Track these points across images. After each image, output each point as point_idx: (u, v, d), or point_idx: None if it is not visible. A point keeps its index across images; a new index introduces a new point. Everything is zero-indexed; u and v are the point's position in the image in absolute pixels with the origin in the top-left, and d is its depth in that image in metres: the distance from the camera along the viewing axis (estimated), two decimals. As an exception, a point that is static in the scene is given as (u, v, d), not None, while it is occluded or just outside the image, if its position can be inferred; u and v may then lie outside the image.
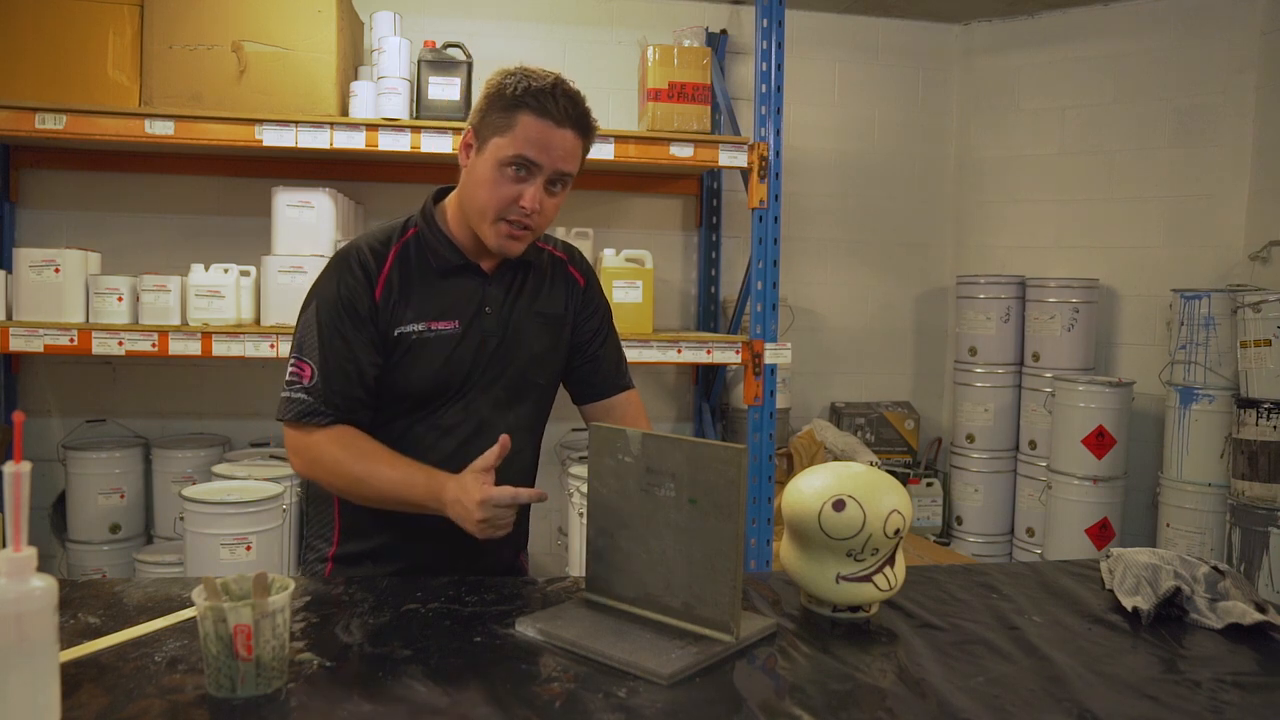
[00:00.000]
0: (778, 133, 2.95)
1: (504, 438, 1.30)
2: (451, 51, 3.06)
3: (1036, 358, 3.68)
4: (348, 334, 1.41)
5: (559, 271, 1.61)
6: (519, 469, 1.56)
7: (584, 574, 1.29)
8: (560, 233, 3.12)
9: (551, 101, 1.39)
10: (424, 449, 1.46)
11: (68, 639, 1.08)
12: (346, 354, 1.41)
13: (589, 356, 1.62)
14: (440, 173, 1.55)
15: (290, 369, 1.42)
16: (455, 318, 1.47)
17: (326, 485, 1.44)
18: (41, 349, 2.66)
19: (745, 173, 3.01)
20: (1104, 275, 3.74)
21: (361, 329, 1.42)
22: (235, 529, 2.54)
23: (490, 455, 1.29)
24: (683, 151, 2.95)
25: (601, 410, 1.62)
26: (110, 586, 1.29)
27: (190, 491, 2.60)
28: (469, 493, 1.27)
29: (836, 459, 3.44)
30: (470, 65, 3.03)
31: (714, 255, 3.71)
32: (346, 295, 1.42)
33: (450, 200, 1.54)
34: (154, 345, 2.69)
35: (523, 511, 1.62)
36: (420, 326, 1.45)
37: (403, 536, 1.49)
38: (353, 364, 1.41)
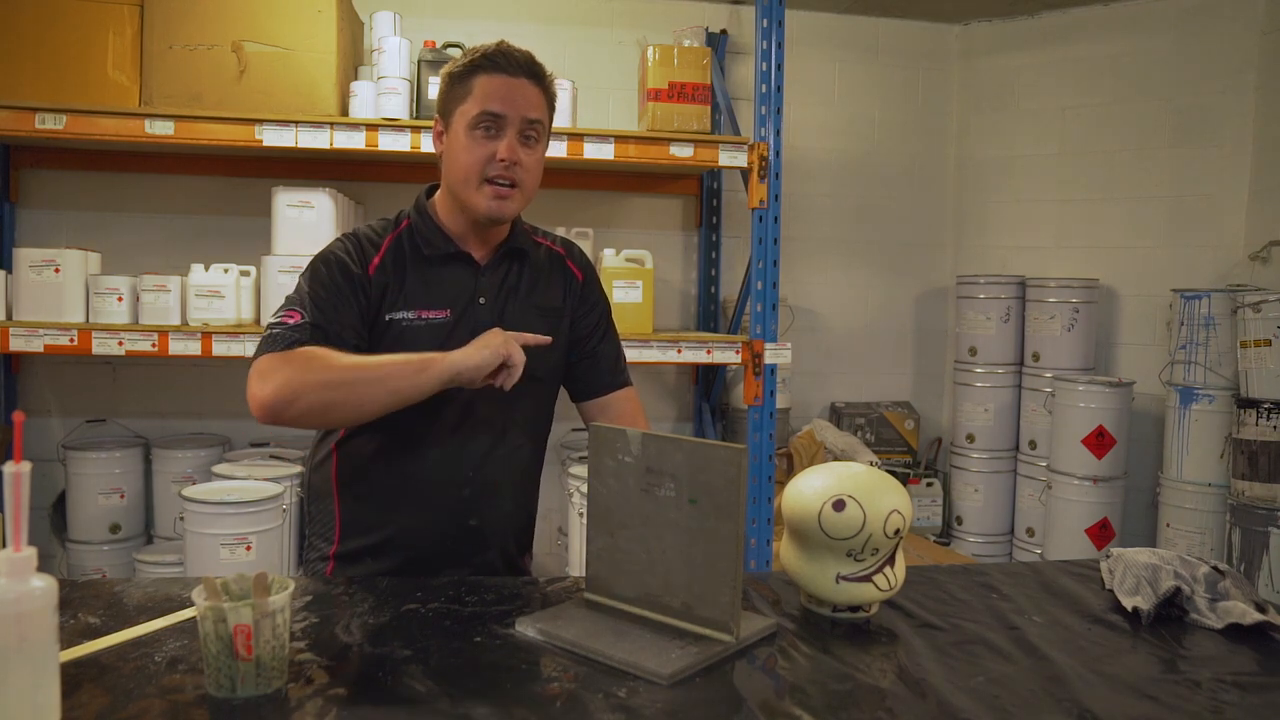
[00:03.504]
0: (778, 133, 2.95)
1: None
2: (451, 51, 3.06)
3: (1036, 358, 3.68)
4: (339, 292, 1.42)
5: (556, 266, 1.62)
6: (519, 466, 1.56)
7: (584, 574, 1.29)
8: (560, 233, 3.12)
9: (502, 58, 1.44)
10: (422, 443, 1.46)
11: (68, 639, 1.08)
12: (333, 308, 1.40)
13: (587, 353, 1.62)
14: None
15: (275, 318, 1.40)
16: (447, 306, 1.47)
17: (314, 394, 1.29)
18: (41, 349, 2.66)
19: (745, 173, 3.01)
20: (1104, 275, 3.74)
21: (354, 294, 1.43)
22: (235, 529, 2.54)
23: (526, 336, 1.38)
24: (683, 151, 2.95)
25: (599, 408, 1.62)
26: (110, 586, 1.29)
27: (190, 491, 2.60)
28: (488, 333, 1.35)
29: (836, 459, 3.44)
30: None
31: (714, 255, 3.71)
32: (340, 262, 1.45)
33: (438, 193, 1.55)
34: (154, 345, 2.69)
35: (528, 514, 1.62)
36: (410, 314, 1.46)
37: (404, 532, 1.49)
38: (337, 316, 1.40)
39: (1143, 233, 3.72)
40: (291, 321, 1.38)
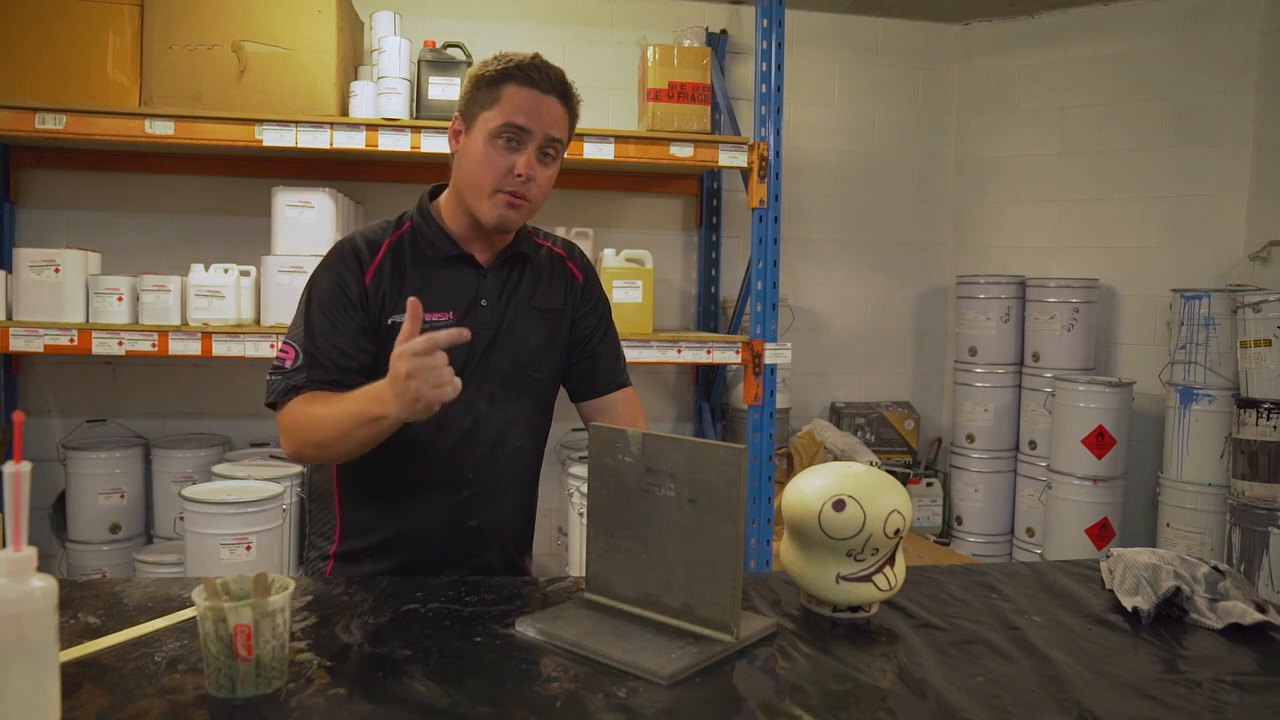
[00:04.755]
0: (778, 133, 2.95)
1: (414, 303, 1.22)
2: (451, 51, 3.06)
3: (1036, 358, 3.68)
4: (335, 318, 1.42)
5: (558, 268, 1.62)
6: (519, 467, 1.56)
7: (584, 574, 1.29)
8: (560, 233, 3.13)
9: (535, 71, 1.44)
10: (421, 445, 1.46)
11: (68, 639, 1.08)
12: (331, 338, 1.41)
13: (587, 353, 1.62)
14: (440, 173, 1.55)
15: (277, 354, 1.44)
16: (449, 309, 1.47)
17: (315, 452, 1.39)
18: (41, 349, 2.66)
19: (745, 173, 3.01)
20: (1104, 275, 3.74)
21: (350, 314, 1.43)
22: (235, 529, 2.54)
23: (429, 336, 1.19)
24: (683, 151, 2.95)
25: (598, 408, 1.62)
26: (110, 586, 1.29)
27: (190, 491, 2.60)
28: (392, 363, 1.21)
29: (836, 459, 3.44)
30: (470, 65, 3.03)
31: (714, 255, 3.71)
32: (336, 281, 1.44)
33: (444, 194, 1.54)
34: (154, 345, 2.69)
35: (528, 514, 1.62)
36: None
37: (404, 533, 1.49)
38: (336, 348, 1.41)
39: (1143, 233, 3.72)
40: (288, 364, 1.42)
